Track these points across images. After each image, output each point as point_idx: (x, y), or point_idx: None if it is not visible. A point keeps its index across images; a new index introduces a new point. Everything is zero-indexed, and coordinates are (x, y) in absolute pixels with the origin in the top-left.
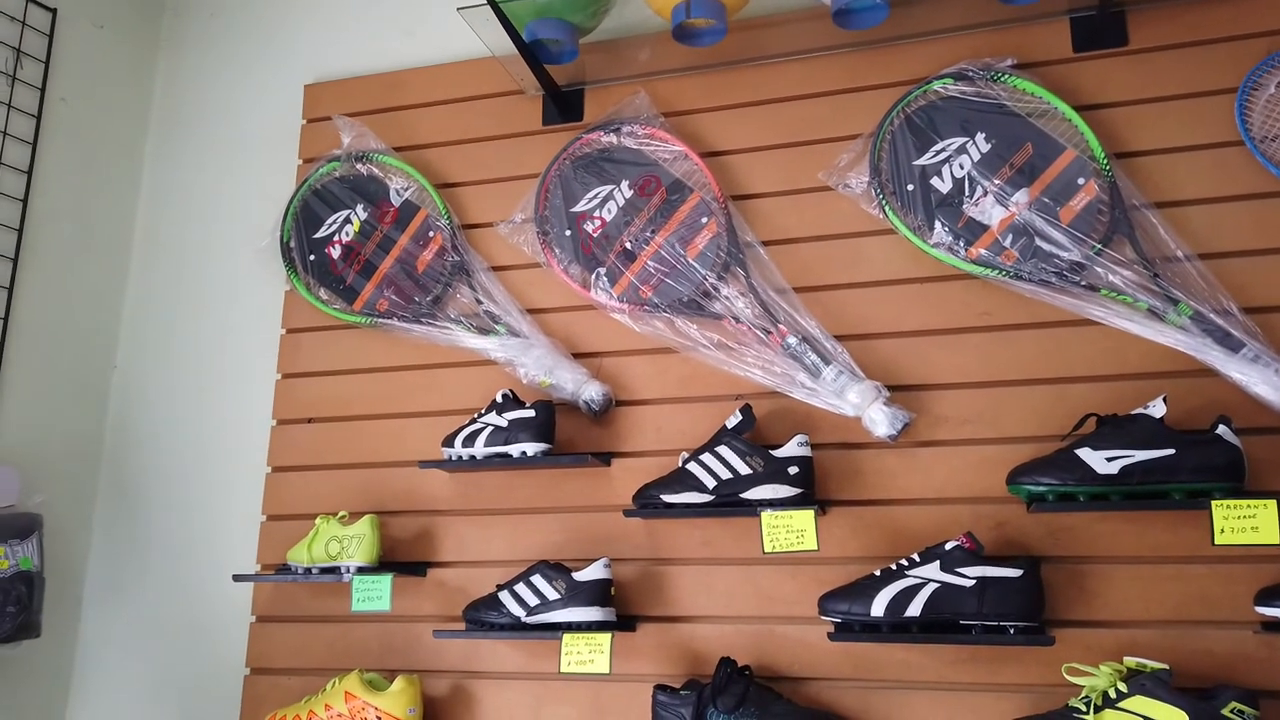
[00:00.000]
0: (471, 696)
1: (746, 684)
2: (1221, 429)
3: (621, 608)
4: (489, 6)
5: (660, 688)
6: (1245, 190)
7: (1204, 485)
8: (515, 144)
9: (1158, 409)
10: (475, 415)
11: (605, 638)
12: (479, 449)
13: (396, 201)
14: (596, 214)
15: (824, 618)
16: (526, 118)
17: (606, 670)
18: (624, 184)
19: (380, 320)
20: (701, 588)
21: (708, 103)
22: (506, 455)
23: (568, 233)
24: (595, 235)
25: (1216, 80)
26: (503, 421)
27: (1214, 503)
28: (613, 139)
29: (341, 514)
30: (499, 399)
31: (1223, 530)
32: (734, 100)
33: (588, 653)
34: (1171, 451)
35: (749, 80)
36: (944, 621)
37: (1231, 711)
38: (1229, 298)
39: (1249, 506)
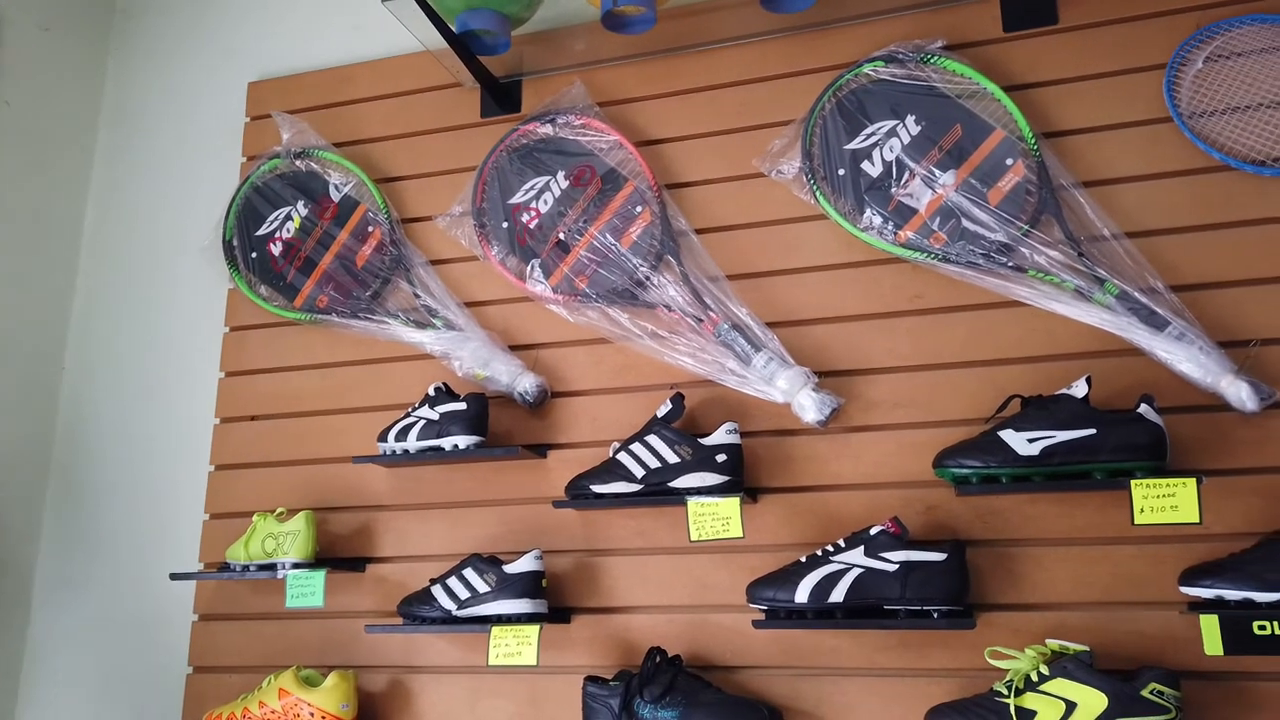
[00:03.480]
0: (409, 690)
1: (674, 673)
2: (1144, 408)
3: (556, 599)
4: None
5: (590, 679)
6: (1174, 167)
7: (1126, 465)
8: (455, 137)
9: (1080, 389)
10: (409, 409)
11: (533, 630)
12: (412, 443)
13: (336, 197)
14: (532, 205)
15: (752, 605)
16: (466, 110)
17: (534, 662)
18: (560, 175)
19: (320, 316)
20: (636, 578)
21: (643, 91)
22: (439, 449)
23: (505, 225)
24: (531, 227)
25: (1145, 57)
26: (435, 415)
27: (1133, 482)
28: (549, 130)
29: (279, 511)
30: (431, 392)
31: (1142, 510)
32: (669, 88)
33: (515, 645)
34: (1093, 431)
35: (683, 68)
36: (868, 607)
37: (1150, 692)
38: (1157, 276)
39: (1168, 485)
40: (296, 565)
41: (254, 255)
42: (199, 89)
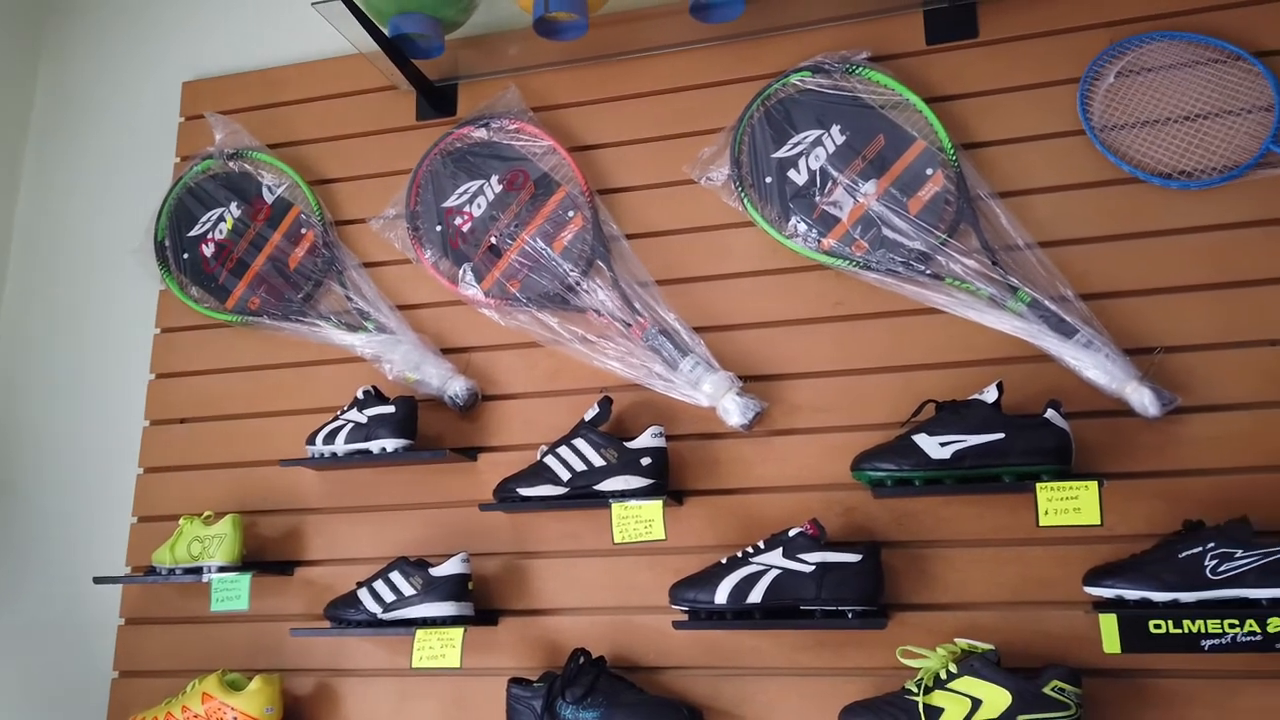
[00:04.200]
0: (336, 694)
1: (597, 674)
2: (1050, 413)
3: (484, 602)
4: (342, 2)
5: (515, 680)
6: (1086, 179)
7: (1033, 468)
8: (390, 139)
9: (990, 395)
10: (338, 413)
11: (457, 632)
12: (340, 446)
13: (269, 199)
14: (466, 209)
15: (674, 606)
16: (401, 113)
17: (458, 664)
18: (493, 179)
19: (252, 318)
20: (564, 580)
21: (577, 97)
22: (367, 451)
23: (438, 228)
24: (464, 230)
25: (1061, 71)
26: (363, 418)
27: (1038, 485)
28: (483, 134)
29: (206, 514)
30: (360, 395)
31: (1047, 512)
32: (602, 94)
33: (439, 647)
34: (1002, 436)
35: (616, 75)
36: (785, 607)
37: (1052, 690)
38: (1067, 284)
39: (1072, 488)
40: (223, 569)
41: (186, 256)
42: (133, 88)
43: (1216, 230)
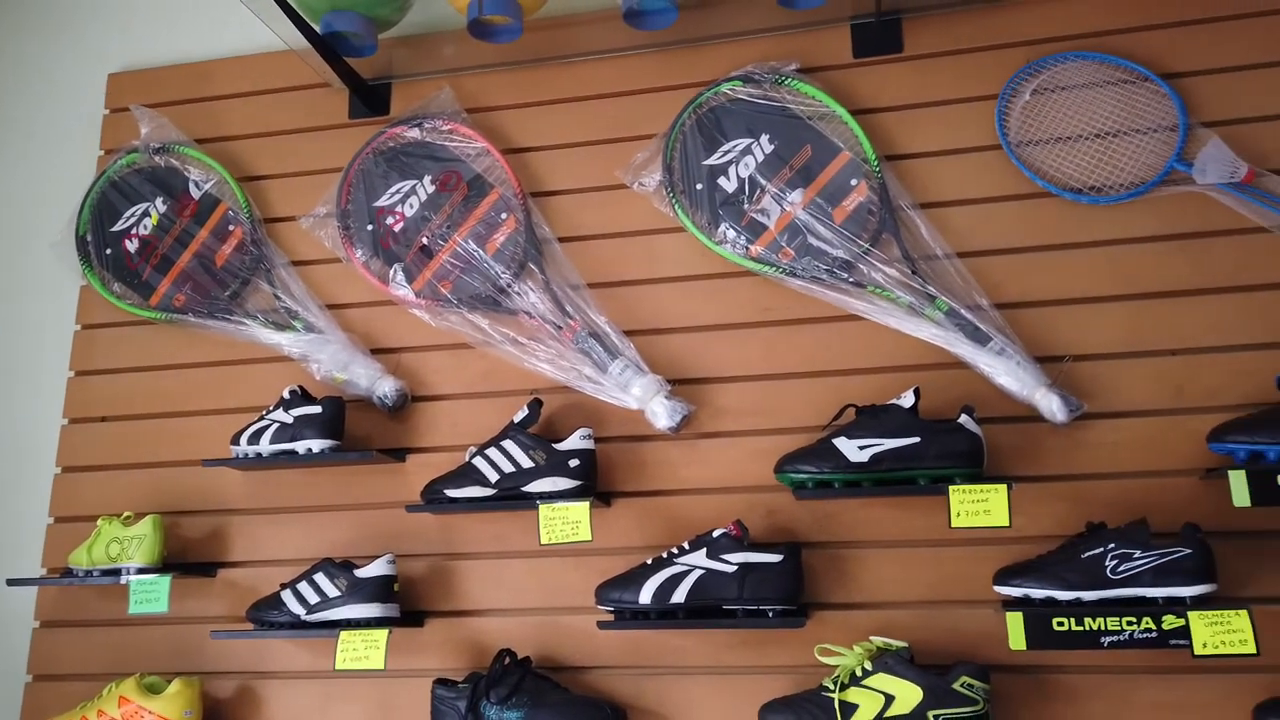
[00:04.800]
0: (258, 697)
1: (522, 674)
2: (964, 418)
3: (411, 603)
4: None
5: (440, 681)
6: (1002, 192)
7: (946, 471)
8: (321, 137)
9: (908, 400)
10: (264, 412)
11: (382, 634)
12: (264, 446)
13: (196, 194)
14: (398, 209)
15: (600, 606)
16: (333, 111)
17: (382, 666)
18: (426, 179)
19: (176, 316)
20: (491, 581)
21: (511, 99)
22: (292, 452)
23: (369, 227)
24: (395, 230)
25: (980, 87)
26: (289, 418)
27: (951, 488)
28: (416, 134)
29: (125, 515)
30: (286, 395)
31: (959, 514)
32: (536, 98)
33: (364, 649)
34: (918, 440)
35: (550, 78)
36: (708, 607)
37: (961, 685)
38: (982, 294)
39: (982, 491)
40: (142, 570)
41: (108, 252)
42: (56, 79)
43: (1123, 244)
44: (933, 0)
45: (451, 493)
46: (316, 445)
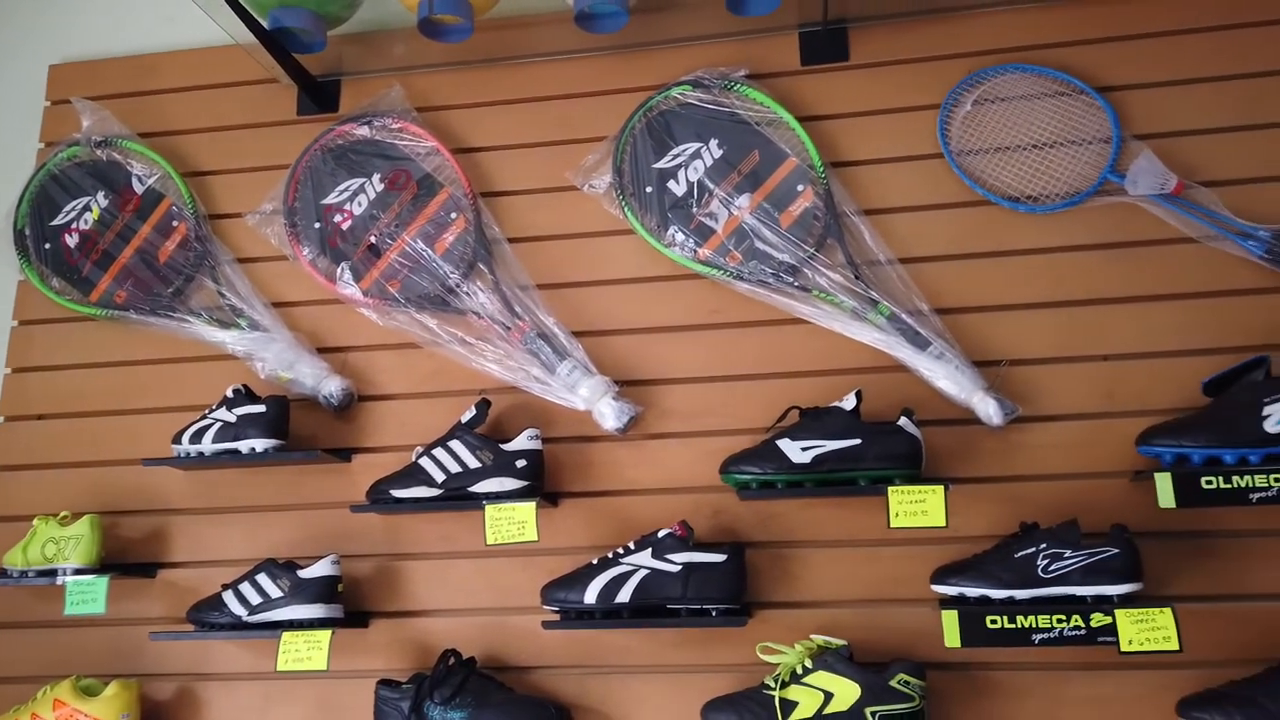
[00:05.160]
0: (199, 699)
1: (466, 675)
2: (904, 420)
3: (355, 604)
4: None
5: (383, 682)
6: (943, 200)
7: (886, 472)
8: (268, 133)
9: (849, 402)
10: (206, 411)
11: (325, 635)
12: (207, 445)
13: (139, 189)
14: (346, 207)
15: (545, 607)
16: (281, 107)
17: (324, 667)
18: (375, 177)
19: (117, 312)
20: (437, 582)
21: (462, 99)
22: (235, 451)
23: (317, 225)
24: (343, 228)
25: (924, 96)
26: (232, 417)
27: (890, 489)
28: (366, 131)
29: (62, 514)
30: (230, 394)
31: (897, 514)
32: (487, 98)
33: (306, 650)
34: (859, 441)
35: (501, 79)
36: (652, 606)
37: (898, 682)
38: (923, 299)
39: (919, 492)
40: (79, 571)
41: (47, 246)
42: None
43: (1058, 252)
44: (878, 10)
45: (397, 493)
46: (260, 444)
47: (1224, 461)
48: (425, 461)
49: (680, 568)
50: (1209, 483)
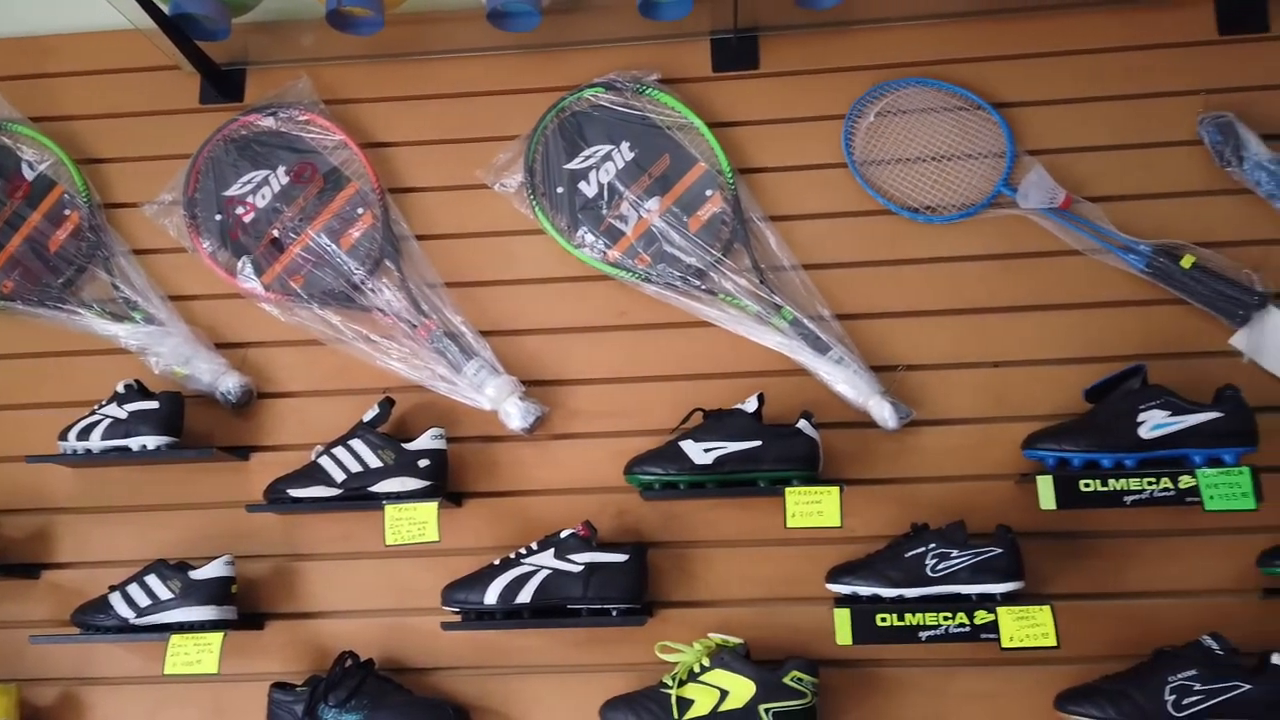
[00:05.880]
0: (83, 704)
1: (363, 677)
2: (802, 423)
3: (251, 605)
4: None
5: (277, 685)
6: (846, 208)
7: (785, 473)
8: (169, 121)
9: (751, 405)
10: (96, 407)
11: (215, 637)
12: (95, 442)
13: (30, 176)
14: (249, 199)
15: (446, 608)
16: (183, 95)
17: (215, 670)
18: (280, 170)
19: (4, 303)
20: (336, 582)
21: (372, 93)
22: (126, 449)
23: (218, 217)
24: (245, 221)
25: (830, 106)
26: (122, 413)
27: (787, 490)
28: (271, 122)
29: None
30: (121, 389)
31: (794, 514)
32: (397, 93)
33: (195, 653)
34: (759, 443)
35: (412, 74)
36: (553, 606)
37: (791, 680)
38: (825, 305)
39: (815, 493)
40: None
41: None
42: None
43: (953, 261)
44: (787, 21)
45: (295, 492)
46: (152, 442)
47: (1102, 465)
48: (325, 461)
49: (582, 568)
50: (1087, 485)
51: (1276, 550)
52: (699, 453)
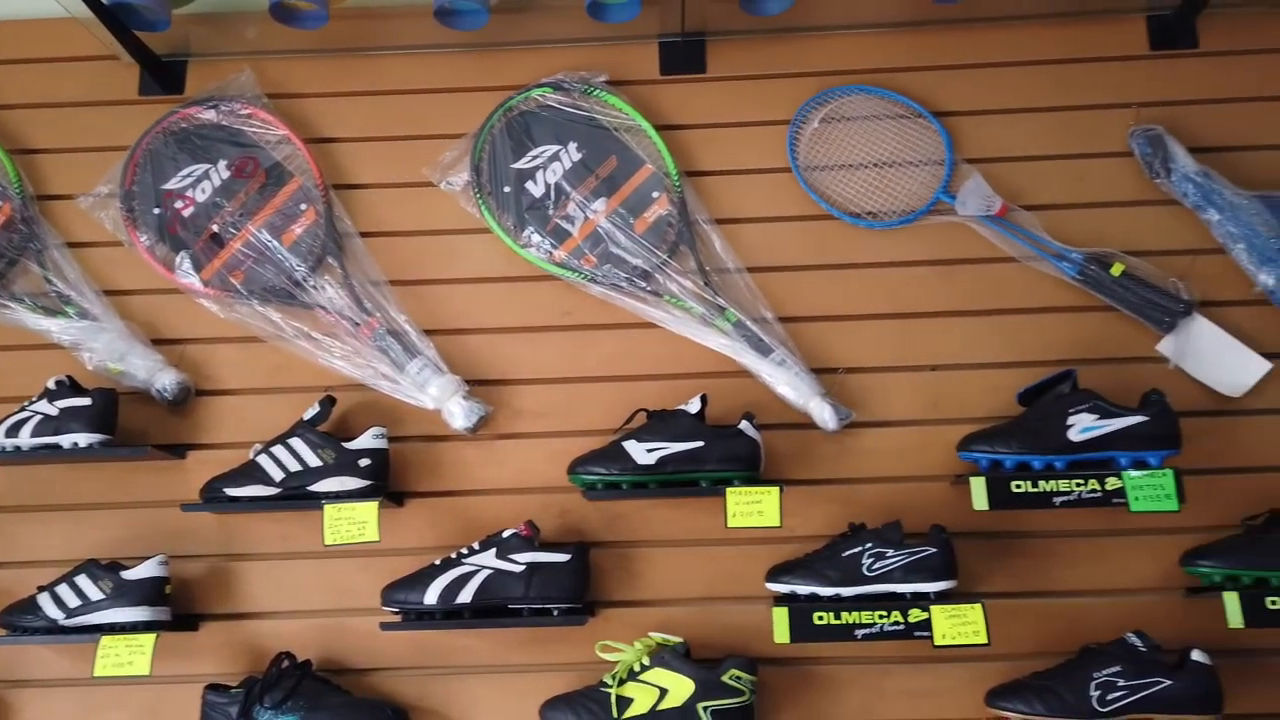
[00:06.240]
0: (11, 707)
1: (299, 678)
2: (744, 424)
3: (186, 606)
4: None
5: (211, 687)
6: (790, 212)
7: (726, 473)
8: (107, 112)
9: (694, 406)
10: (25, 403)
11: (148, 638)
12: (24, 439)
13: None
14: (188, 193)
15: (385, 608)
16: (121, 85)
17: (146, 672)
18: (221, 164)
19: None
20: (273, 583)
21: (317, 88)
22: (56, 446)
23: (156, 211)
24: (184, 215)
25: (775, 111)
26: (53, 410)
27: (728, 490)
28: (212, 115)
29: None
30: (52, 385)
31: (734, 514)
32: (342, 88)
33: (127, 654)
34: (701, 444)
35: (358, 70)
36: (494, 606)
37: (730, 678)
38: (768, 307)
39: (756, 493)
40: None
41: None
42: None
43: (894, 267)
44: (734, 26)
45: (232, 491)
46: (84, 439)
47: (1033, 467)
48: (263, 459)
49: (524, 568)
50: (1018, 487)
51: (1199, 550)
52: (642, 453)
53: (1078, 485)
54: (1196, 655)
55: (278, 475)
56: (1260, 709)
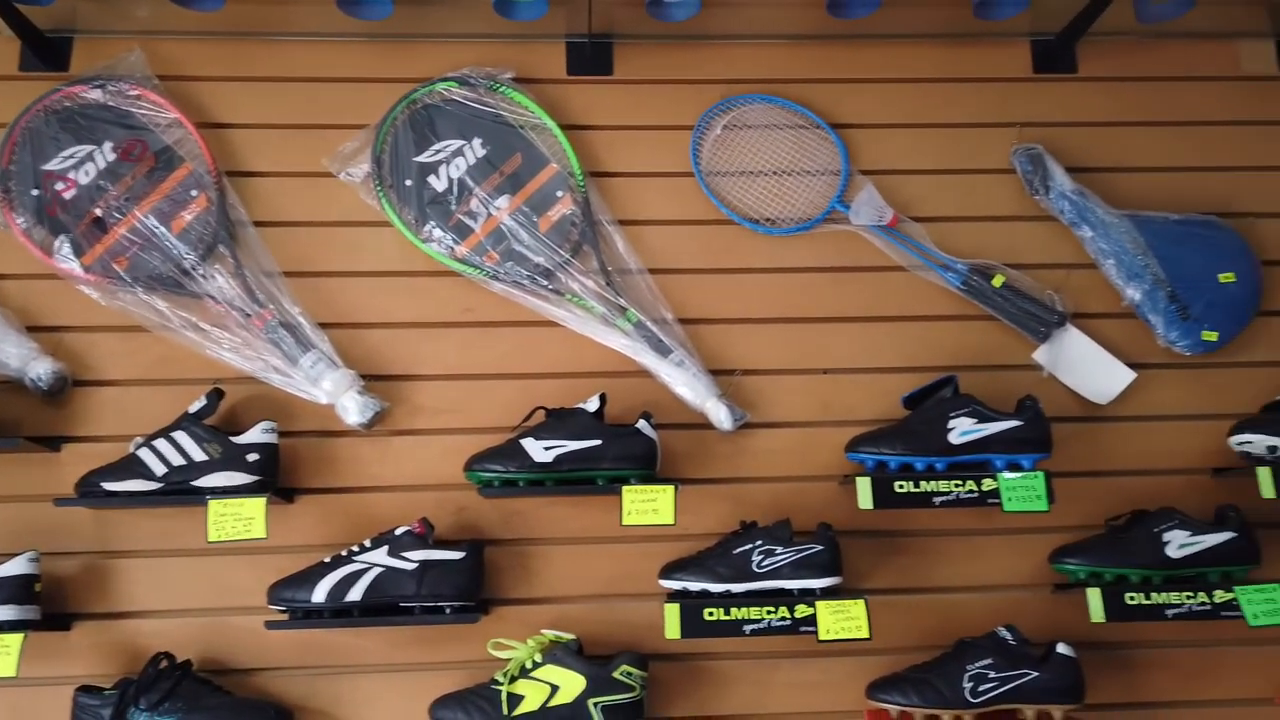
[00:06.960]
0: None
1: (178, 678)
2: (641, 423)
3: (57, 605)
4: None
5: (83, 689)
6: (692, 216)
7: (623, 472)
8: None
9: (592, 404)
10: None
11: (15, 639)
12: None
13: None
14: (70, 175)
15: (272, 606)
16: (1, 61)
17: (13, 673)
18: (107, 146)
19: None
20: (153, 581)
21: (211, 71)
22: None
23: (34, 192)
24: (66, 197)
25: (680, 117)
26: None
27: (624, 488)
28: (99, 95)
29: None
30: None
31: (629, 512)
32: (238, 72)
33: None
34: (599, 442)
35: (255, 54)
36: (385, 604)
37: (621, 674)
38: (668, 309)
39: (651, 491)
40: None
41: None
42: None
43: (790, 272)
44: (641, 30)
45: (110, 486)
46: None
47: (916, 468)
48: (144, 453)
49: (416, 565)
50: (901, 487)
51: (1065, 549)
52: (540, 451)
53: (956, 486)
54: (1061, 648)
55: (160, 470)
56: (1119, 699)
